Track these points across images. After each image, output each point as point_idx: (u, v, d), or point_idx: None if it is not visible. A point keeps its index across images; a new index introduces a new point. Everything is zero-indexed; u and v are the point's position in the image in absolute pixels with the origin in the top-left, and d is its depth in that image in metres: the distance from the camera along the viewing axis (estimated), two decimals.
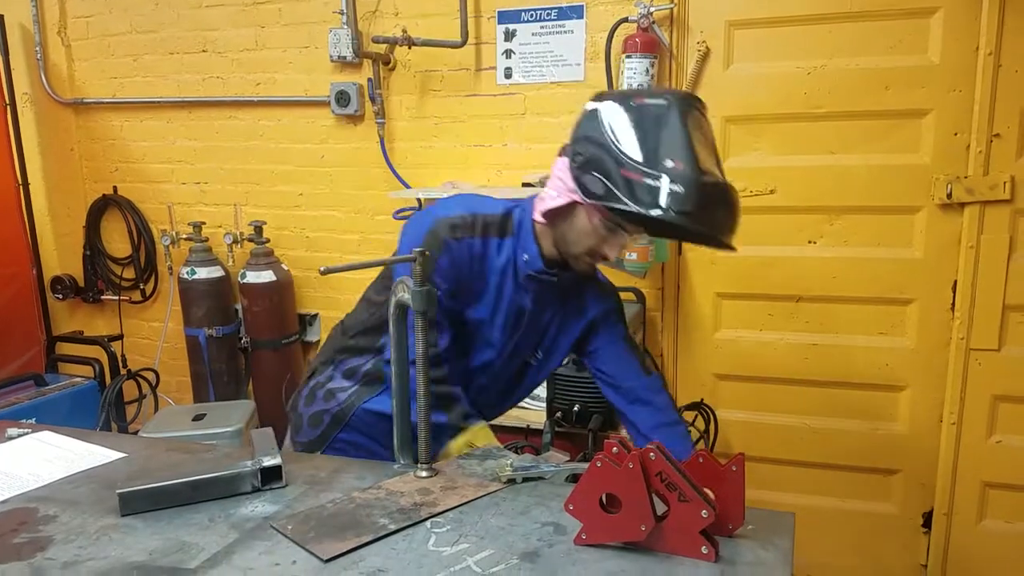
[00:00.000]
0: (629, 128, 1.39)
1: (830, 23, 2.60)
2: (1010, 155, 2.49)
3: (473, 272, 1.58)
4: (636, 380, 1.76)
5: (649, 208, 1.35)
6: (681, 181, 1.33)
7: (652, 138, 1.37)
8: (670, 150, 1.35)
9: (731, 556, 1.10)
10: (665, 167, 1.34)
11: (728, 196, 1.40)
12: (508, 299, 1.61)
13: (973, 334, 2.63)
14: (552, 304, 1.67)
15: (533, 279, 1.59)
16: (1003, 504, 2.72)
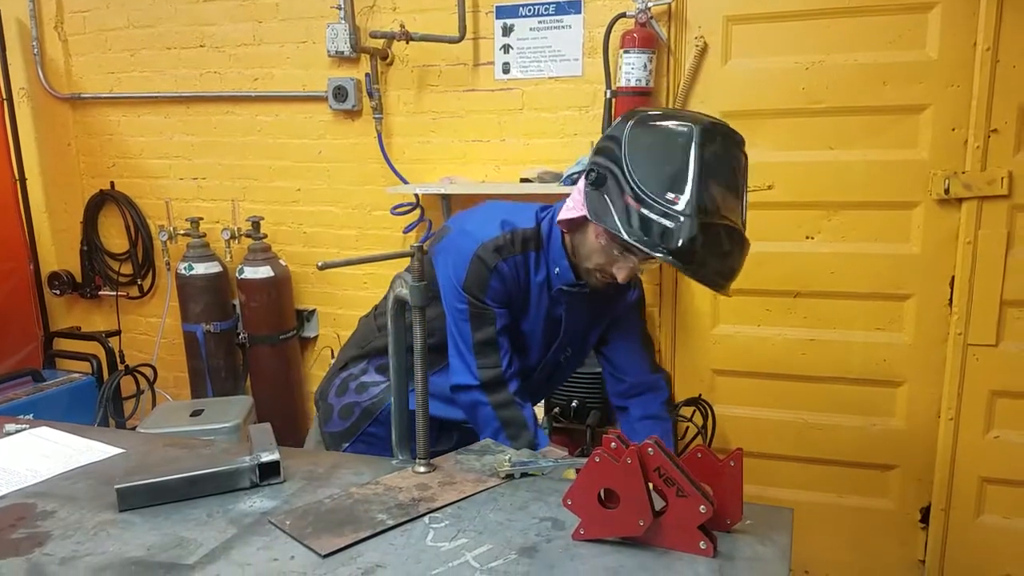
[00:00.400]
0: (643, 152, 1.36)
1: (828, 18, 2.60)
2: (1008, 150, 2.49)
3: (520, 286, 1.60)
4: (642, 376, 1.78)
5: (639, 240, 1.33)
6: (676, 218, 1.30)
7: (661, 167, 1.34)
8: (674, 183, 1.32)
9: (729, 551, 1.11)
10: (665, 200, 1.31)
11: (728, 242, 1.35)
12: (545, 310, 1.63)
13: (971, 329, 2.63)
14: (585, 308, 1.67)
15: (565, 292, 1.60)
16: (1001, 499, 2.72)
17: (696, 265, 1.34)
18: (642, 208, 1.33)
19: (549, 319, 1.64)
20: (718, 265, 1.37)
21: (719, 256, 1.36)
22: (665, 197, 1.31)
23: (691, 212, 1.30)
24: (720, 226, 1.34)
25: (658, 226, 1.31)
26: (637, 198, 1.33)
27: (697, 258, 1.33)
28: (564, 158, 2.88)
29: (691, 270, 1.35)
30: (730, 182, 1.37)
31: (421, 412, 1.38)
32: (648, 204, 1.32)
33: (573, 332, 1.70)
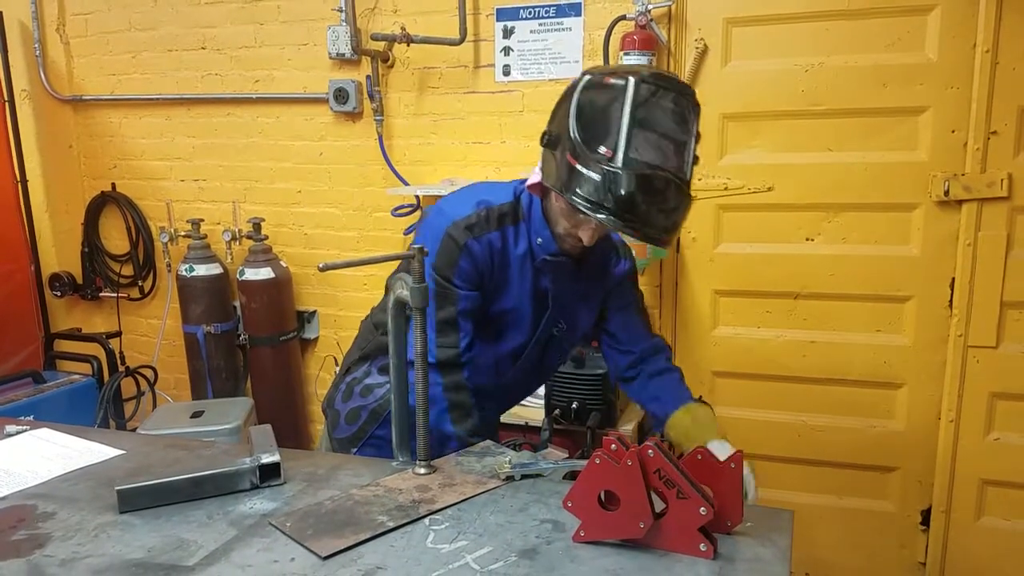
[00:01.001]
0: (585, 109, 1.34)
1: (828, 20, 2.60)
2: (1007, 152, 2.49)
3: (495, 265, 1.57)
4: (644, 343, 1.77)
5: (576, 196, 1.32)
6: (606, 172, 1.28)
7: (598, 122, 1.32)
8: (608, 137, 1.30)
9: (729, 553, 1.11)
10: (599, 155, 1.30)
11: (668, 194, 1.32)
12: (531, 284, 1.60)
13: (971, 331, 2.63)
14: (573, 279, 1.64)
15: (549, 262, 1.57)
16: (1001, 501, 2.72)
17: (638, 221, 1.32)
18: (579, 164, 1.32)
19: (536, 292, 1.61)
20: (660, 219, 1.34)
21: (659, 210, 1.33)
22: (599, 151, 1.30)
23: (622, 165, 1.28)
24: (657, 178, 1.31)
25: (594, 183, 1.30)
26: (576, 155, 1.32)
27: (637, 213, 1.31)
28: None
29: (632, 226, 1.32)
30: (670, 133, 1.34)
31: (421, 413, 1.38)
32: (584, 160, 1.31)
33: (562, 304, 1.66)
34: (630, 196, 1.29)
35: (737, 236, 2.84)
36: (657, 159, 1.31)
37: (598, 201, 1.30)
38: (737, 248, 2.85)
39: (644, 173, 1.29)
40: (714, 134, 2.79)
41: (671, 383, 1.73)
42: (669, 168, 1.32)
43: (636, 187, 1.28)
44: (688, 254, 2.90)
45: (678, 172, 1.34)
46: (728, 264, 2.86)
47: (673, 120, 1.34)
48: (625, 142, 1.28)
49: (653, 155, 1.30)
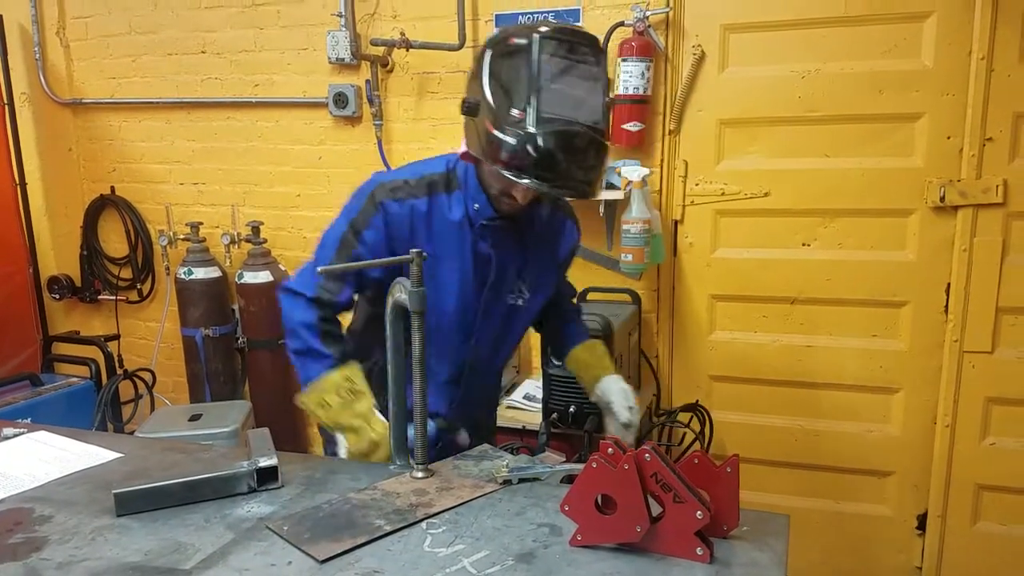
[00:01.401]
0: (495, 73, 1.37)
1: (824, 27, 2.62)
2: (1003, 159, 2.51)
3: (419, 231, 1.56)
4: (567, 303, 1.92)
5: (497, 162, 1.34)
6: (521, 134, 1.30)
7: (508, 85, 1.34)
8: (519, 99, 1.31)
9: (726, 557, 1.11)
10: (511, 118, 1.31)
11: (585, 147, 1.35)
12: (471, 251, 1.59)
13: (966, 336, 2.64)
14: (518, 245, 1.63)
15: (488, 227, 1.57)
16: (997, 506, 2.73)
17: (560, 178, 1.34)
18: (495, 130, 1.33)
19: (477, 258, 1.59)
20: (581, 173, 1.37)
21: (579, 163, 1.35)
22: (512, 115, 1.31)
23: (535, 125, 1.30)
24: (572, 133, 1.32)
25: (511, 146, 1.32)
26: (492, 121, 1.34)
27: (559, 170, 1.33)
28: None
29: (555, 185, 1.35)
30: (580, 84, 1.36)
31: (419, 418, 1.38)
32: (500, 125, 1.33)
33: (517, 270, 1.65)
34: (548, 155, 1.31)
35: (734, 241, 2.85)
36: (569, 113, 1.33)
37: (519, 164, 1.32)
38: (734, 253, 2.86)
39: (558, 130, 1.31)
40: (711, 139, 2.80)
41: (573, 324, 1.90)
42: (582, 120, 1.35)
43: (552, 145, 1.31)
44: (685, 259, 2.91)
45: (592, 123, 1.37)
46: (725, 269, 2.87)
47: (579, 72, 1.37)
48: (535, 101, 1.30)
49: (564, 110, 1.33)
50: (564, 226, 1.74)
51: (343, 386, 1.50)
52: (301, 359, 1.57)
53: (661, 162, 2.86)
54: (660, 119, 2.83)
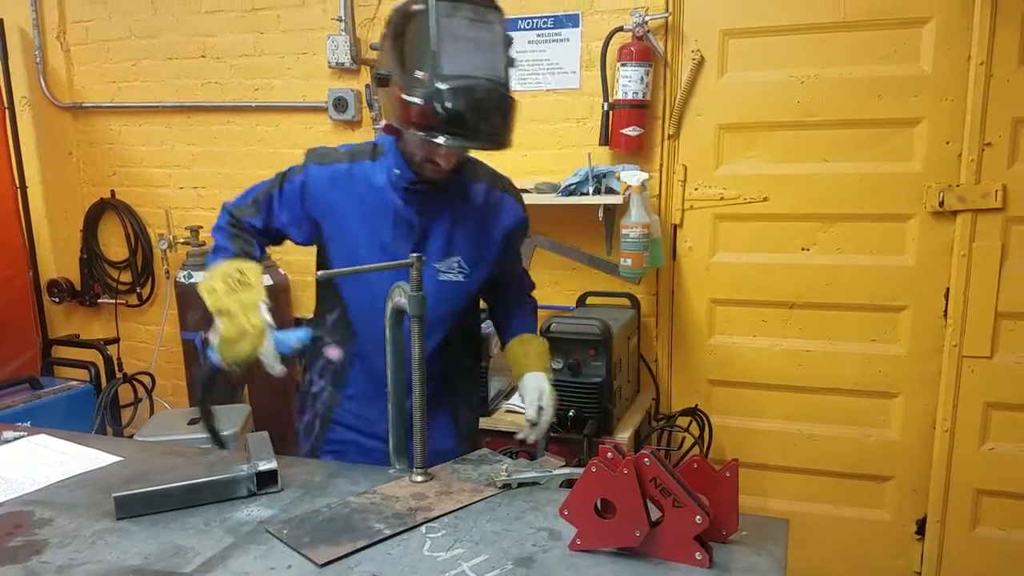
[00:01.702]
0: (400, 39, 1.41)
1: (823, 32, 2.62)
2: (1002, 164, 2.51)
3: (339, 193, 1.63)
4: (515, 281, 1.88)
5: (411, 126, 1.38)
6: (427, 94, 1.34)
7: (412, 49, 1.38)
8: (423, 61, 1.36)
9: (725, 562, 1.11)
10: (417, 81, 1.36)
11: (491, 101, 1.38)
12: (393, 214, 1.62)
13: (965, 341, 2.64)
14: (446, 213, 1.65)
15: (410, 191, 1.60)
16: (996, 511, 2.73)
17: (471, 133, 1.38)
18: (405, 95, 1.38)
19: (400, 222, 1.62)
20: (491, 127, 1.40)
21: (488, 117, 1.39)
22: (417, 77, 1.36)
23: (440, 83, 1.34)
24: (476, 87, 1.37)
25: (420, 108, 1.36)
26: (402, 87, 1.39)
27: (469, 126, 1.37)
28: (562, 169, 2.90)
29: (467, 139, 1.39)
30: (477, 42, 1.40)
31: (419, 421, 1.39)
32: (409, 89, 1.37)
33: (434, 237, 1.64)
34: (456, 111, 1.35)
35: (733, 246, 2.86)
36: (471, 69, 1.37)
37: (430, 124, 1.36)
38: (733, 257, 2.86)
39: (460, 86, 1.35)
40: (710, 144, 2.81)
41: (519, 315, 1.87)
42: (485, 75, 1.39)
43: (456, 100, 1.35)
44: (684, 263, 2.92)
45: (494, 77, 1.40)
46: (724, 273, 2.88)
47: (478, 29, 1.40)
48: (437, 61, 1.35)
49: (466, 67, 1.37)
50: (503, 202, 1.73)
51: (232, 275, 1.56)
52: (210, 256, 1.68)
53: (660, 167, 2.87)
54: (659, 124, 2.84)
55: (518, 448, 2.56)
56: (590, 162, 2.74)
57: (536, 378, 1.72)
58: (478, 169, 1.72)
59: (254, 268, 1.60)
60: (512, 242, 1.77)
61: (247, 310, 1.51)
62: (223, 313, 1.51)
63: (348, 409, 1.74)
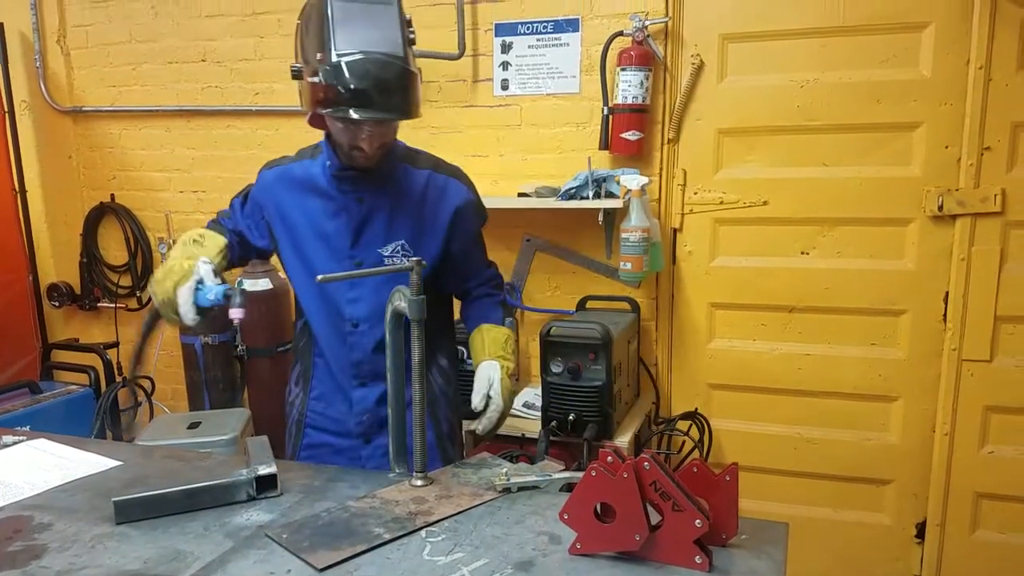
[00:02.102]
0: (305, 30, 1.48)
1: (823, 37, 2.63)
2: (1001, 168, 2.52)
3: (287, 190, 1.72)
4: (479, 275, 1.87)
5: (320, 107, 1.44)
6: (325, 71, 1.40)
7: (312, 34, 1.45)
8: (322, 42, 1.42)
9: (725, 566, 1.11)
10: (318, 60, 1.42)
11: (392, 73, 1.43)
12: (332, 204, 1.68)
13: (965, 345, 2.64)
14: (384, 199, 1.68)
15: (342, 177, 1.65)
16: (996, 515, 2.73)
17: (375, 106, 1.43)
18: (311, 78, 1.44)
19: (341, 212, 1.67)
20: (395, 100, 1.45)
21: (389, 90, 1.43)
22: (317, 57, 1.42)
23: (336, 59, 1.40)
24: (371, 60, 1.41)
25: (324, 87, 1.42)
26: (308, 71, 1.45)
27: (373, 99, 1.42)
28: (561, 173, 2.90)
29: (368, 112, 1.43)
30: (371, 22, 1.45)
31: (419, 426, 1.39)
32: (313, 72, 1.43)
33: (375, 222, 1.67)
34: (355, 84, 1.40)
35: (733, 250, 2.86)
36: (366, 45, 1.42)
37: (334, 99, 1.42)
38: (733, 261, 2.86)
39: (356, 59, 1.41)
40: (710, 148, 2.81)
41: (483, 306, 1.85)
42: (380, 49, 1.43)
43: (356, 74, 1.40)
44: (684, 267, 2.92)
45: (391, 52, 1.45)
46: (724, 277, 2.88)
47: (372, 11, 1.46)
48: (332, 41, 1.41)
49: (361, 43, 1.42)
50: (448, 185, 1.74)
51: (192, 237, 1.68)
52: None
53: (660, 171, 2.87)
54: (659, 128, 2.84)
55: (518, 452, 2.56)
56: (590, 166, 2.75)
57: (487, 367, 1.70)
58: (419, 157, 1.76)
59: (212, 235, 1.72)
60: (462, 225, 1.75)
61: (186, 259, 1.57)
62: (166, 261, 1.61)
63: (316, 410, 1.79)
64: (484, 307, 1.84)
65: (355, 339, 1.70)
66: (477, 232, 1.83)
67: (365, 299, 1.70)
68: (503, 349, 1.74)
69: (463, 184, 1.77)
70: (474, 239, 1.83)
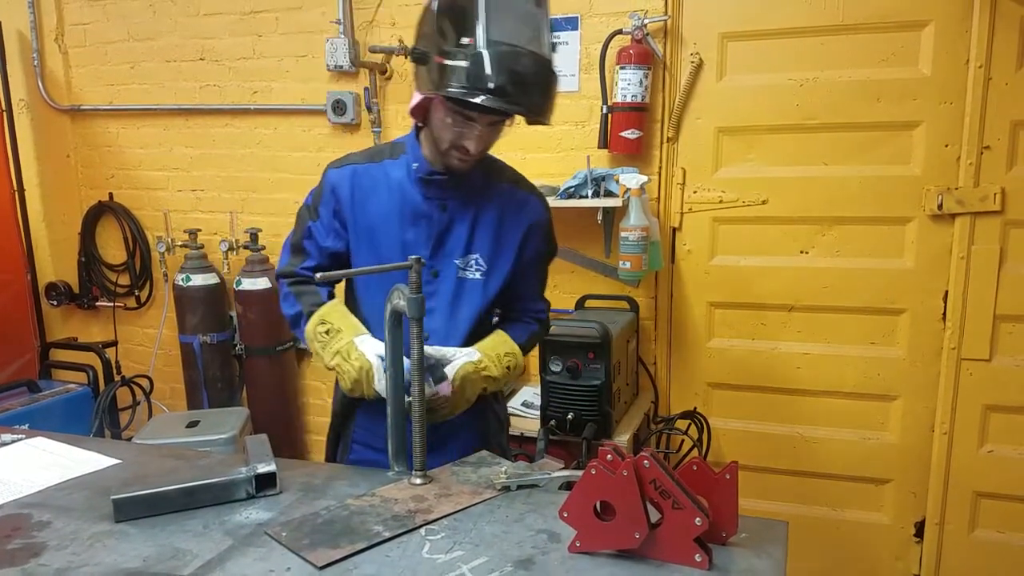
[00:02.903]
0: (443, 11, 1.43)
1: (822, 35, 2.63)
2: (1000, 167, 2.52)
3: (361, 189, 1.64)
4: (531, 303, 1.79)
5: (450, 89, 1.39)
6: (475, 57, 1.36)
7: (455, 18, 1.40)
8: (468, 27, 1.37)
9: (724, 564, 1.11)
10: (462, 45, 1.37)
11: (534, 70, 1.40)
12: (412, 209, 1.62)
13: (964, 344, 2.64)
14: (467, 207, 1.63)
15: (428, 183, 1.60)
16: (995, 514, 2.73)
17: (510, 97, 1.38)
18: (446, 60, 1.39)
19: (419, 214, 1.61)
20: (532, 97, 1.42)
21: (528, 87, 1.41)
22: (462, 42, 1.38)
23: (485, 47, 1.36)
24: (519, 54, 1.38)
25: (463, 70, 1.37)
26: (443, 53, 1.40)
27: (508, 90, 1.38)
28: (561, 172, 2.90)
29: (507, 102, 1.39)
30: (524, 16, 1.42)
31: (418, 424, 1.38)
32: (451, 54, 1.38)
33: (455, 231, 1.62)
34: (498, 75, 1.36)
35: (732, 249, 2.86)
36: (516, 39, 1.39)
37: (472, 85, 1.37)
38: (732, 260, 2.86)
39: (506, 51, 1.37)
40: (709, 147, 2.81)
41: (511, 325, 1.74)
42: (529, 47, 1.40)
43: (501, 65, 1.37)
44: (684, 266, 2.92)
45: (539, 51, 1.42)
46: (723, 276, 2.88)
47: (523, 7, 1.43)
48: (484, 27, 1.36)
49: (512, 36, 1.39)
50: (528, 202, 1.71)
51: (318, 332, 1.57)
52: (292, 329, 1.68)
53: (659, 170, 2.87)
54: (658, 127, 2.84)
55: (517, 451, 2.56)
56: (589, 165, 2.75)
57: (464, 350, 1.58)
58: (504, 171, 1.72)
59: (330, 310, 1.60)
60: (531, 242, 1.69)
61: (346, 355, 1.51)
62: (334, 369, 1.54)
63: (363, 426, 1.71)
64: (512, 325, 1.74)
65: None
66: (541, 257, 1.76)
67: (439, 309, 1.63)
68: (495, 352, 1.61)
69: (543, 205, 1.74)
70: (535, 263, 1.75)
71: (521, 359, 1.66)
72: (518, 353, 1.66)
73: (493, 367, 1.59)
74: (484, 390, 1.60)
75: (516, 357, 1.65)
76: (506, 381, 1.65)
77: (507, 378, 1.63)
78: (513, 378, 1.65)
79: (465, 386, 1.53)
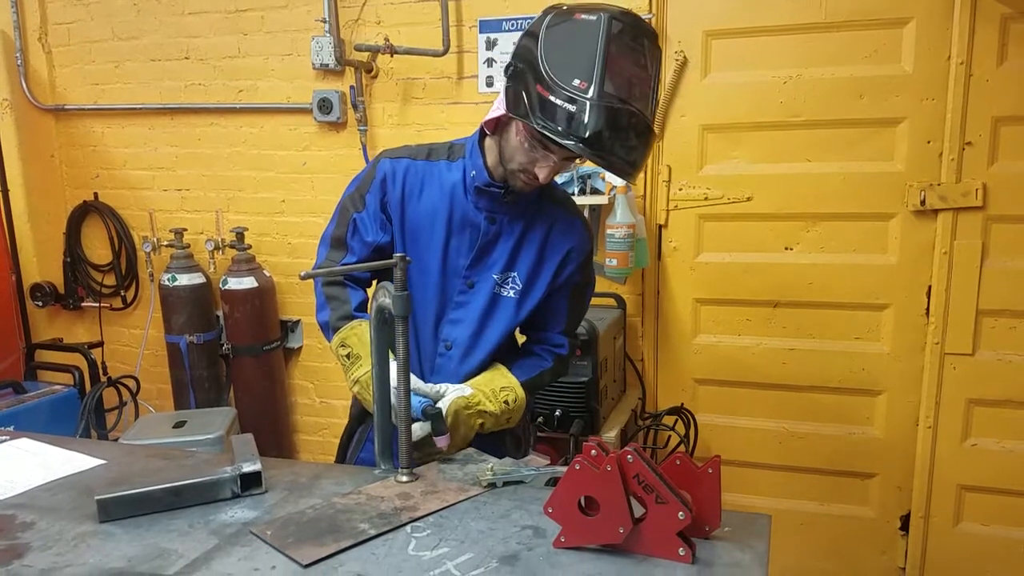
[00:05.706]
0: (555, 42, 1.38)
1: (806, 33, 2.65)
2: (982, 163, 2.54)
3: (412, 187, 1.61)
4: (552, 335, 1.73)
5: (548, 128, 1.35)
6: (582, 104, 1.32)
7: (570, 55, 1.36)
8: (582, 70, 1.33)
9: (708, 558, 1.12)
10: (572, 87, 1.33)
11: (635, 129, 1.37)
12: (461, 215, 1.60)
13: (947, 339, 2.67)
14: (515, 223, 1.61)
15: (483, 193, 1.57)
16: (979, 507, 2.76)
17: (604, 151, 1.35)
18: (551, 95, 1.35)
19: (467, 222, 1.59)
20: (625, 153, 1.38)
21: (626, 143, 1.37)
22: (572, 83, 1.33)
23: (596, 97, 1.32)
24: (626, 112, 1.35)
25: (566, 112, 1.33)
26: (547, 86, 1.35)
27: (605, 144, 1.34)
28: None
29: (599, 156, 1.36)
30: (637, 72, 1.39)
31: (404, 422, 1.39)
32: (557, 91, 1.34)
33: (508, 255, 1.61)
34: (600, 128, 1.33)
35: (717, 245, 2.87)
36: (626, 95, 1.36)
37: (566, 130, 1.34)
38: (717, 257, 2.88)
39: (616, 107, 1.33)
40: (694, 145, 2.82)
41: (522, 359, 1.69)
42: (637, 106, 1.37)
43: (608, 119, 1.33)
44: (669, 263, 2.93)
45: (644, 110, 1.39)
46: (709, 273, 2.89)
47: (641, 60, 1.40)
48: (599, 76, 1.32)
49: (623, 91, 1.35)
50: (573, 226, 1.68)
51: (340, 353, 1.57)
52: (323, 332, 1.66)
53: (645, 167, 2.88)
54: None
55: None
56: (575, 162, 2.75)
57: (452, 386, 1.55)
58: (555, 191, 1.69)
59: (350, 333, 1.56)
60: (568, 265, 1.65)
61: (365, 385, 1.51)
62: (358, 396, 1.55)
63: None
64: (520, 360, 1.68)
65: (443, 362, 1.63)
66: (573, 287, 1.70)
67: (467, 321, 1.61)
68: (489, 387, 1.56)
69: (587, 234, 1.71)
70: (567, 291, 1.69)
71: (521, 393, 1.60)
72: (516, 386, 1.60)
73: (488, 402, 1.54)
74: (481, 426, 1.54)
75: (514, 391, 1.59)
76: (508, 416, 1.58)
77: (508, 413, 1.57)
78: (516, 413, 1.60)
79: (459, 423, 1.49)
